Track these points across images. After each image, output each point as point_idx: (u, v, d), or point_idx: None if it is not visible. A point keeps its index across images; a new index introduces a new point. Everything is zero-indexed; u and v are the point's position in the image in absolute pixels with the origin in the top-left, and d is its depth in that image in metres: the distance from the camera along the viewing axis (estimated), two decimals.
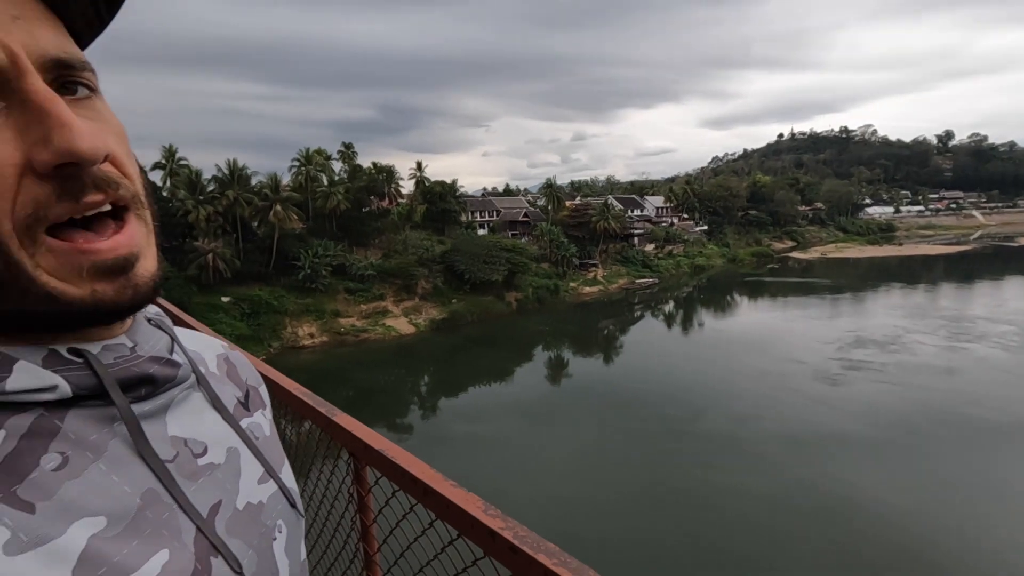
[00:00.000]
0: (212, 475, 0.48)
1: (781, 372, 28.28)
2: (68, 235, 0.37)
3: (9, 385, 0.37)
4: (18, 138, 0.34)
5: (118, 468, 0.41)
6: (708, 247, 72.70)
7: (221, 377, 0.59)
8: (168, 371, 0.47)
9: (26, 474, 0.37)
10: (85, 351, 0.41)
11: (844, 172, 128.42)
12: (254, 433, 0.57)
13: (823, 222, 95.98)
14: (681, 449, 20.02)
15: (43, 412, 0.39)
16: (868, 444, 19.83)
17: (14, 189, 0.34)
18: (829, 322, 39.96)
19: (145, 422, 0.44)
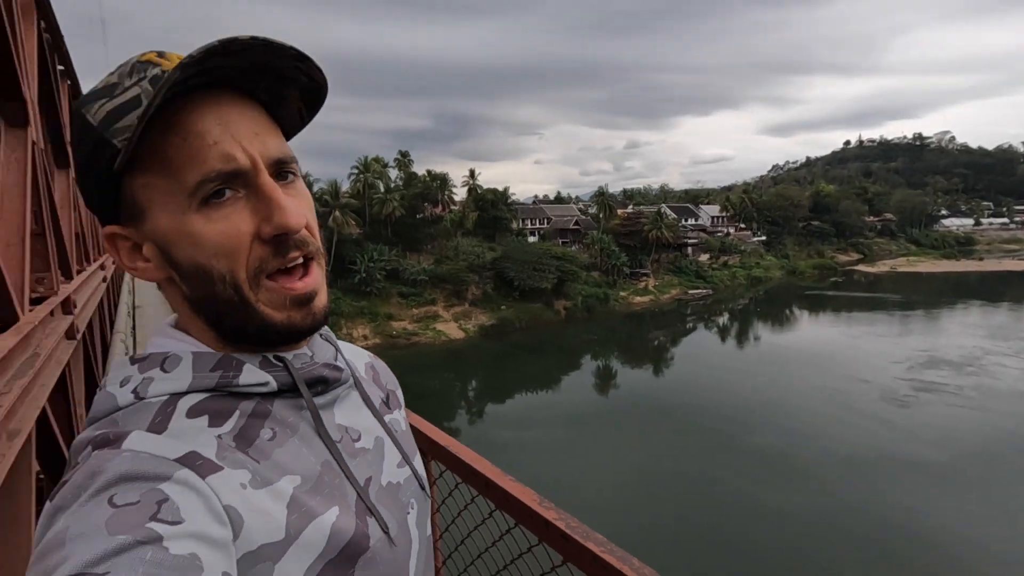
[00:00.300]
0: (365, 456, 0.63)
1: (843, 390, 26.90)
2: (276, 278, 0.54)
3: (240, 380, 0.54)
4: (252, 216, 0.52)
5: (307, 443, 0.57)
6: (766, 258, 70.10)
7: (369, 381, 0.74)
8: (335, 374, 0.61)
9: (253, 440, 0.53)
10: (284, 358, 0.58)
11: (918, 181, 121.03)
12: (394, 427, 0.70)
13: (893, 234, 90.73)
14: (733, 464, 19.43)
15: (260, 399, 0.56)
16: (938, 471, 18.56)
17: (248, 249, 0.52)
18: (898, 340, 37.69)
19: (322, 411, 0.60)
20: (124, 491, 0.42)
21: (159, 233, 0.52)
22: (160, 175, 0.50)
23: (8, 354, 1.39)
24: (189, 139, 0.49)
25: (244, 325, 0.54)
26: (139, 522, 0.40)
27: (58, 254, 2.78)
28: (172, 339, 0.57)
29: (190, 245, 0.51)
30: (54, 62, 3.95)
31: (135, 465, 0.44)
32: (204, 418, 0.52)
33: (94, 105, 0.50)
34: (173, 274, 0.54)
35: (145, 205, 0.51)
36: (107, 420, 0.51)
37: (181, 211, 0.50)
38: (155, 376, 0.53)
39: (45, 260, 2.49)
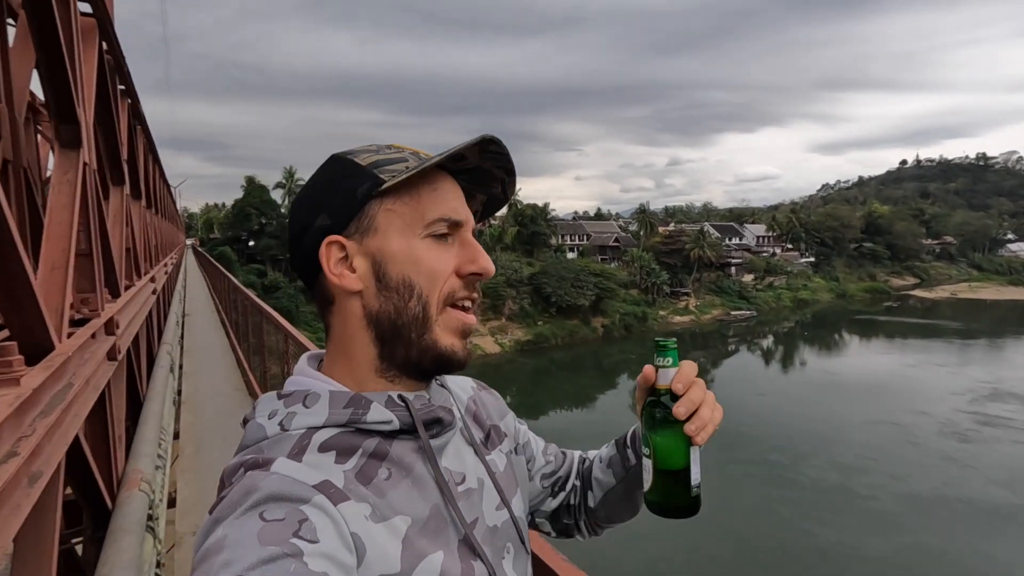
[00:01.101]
0: (469, 498, 0.66)
1: (899, 422, 25.42)
2: (456, 310, 0.64)
3: (368, 417, 0.59)
4: (455, 257, 0.64)
5: (419, 485, 0.60)
6: (814, 280, 67.59)
7: (470, 420, 0.77)
8: (449, 417, 0.65)
9: (372, 479, 0.58)
10: (406, 397, 0.62)
11: (980, 203, 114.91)
12: (494, 467, 0.72)
13: (953, 258, 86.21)
14: (784, 497, 18.57)
15: (381, 439, 0.60)
16: (1009, 512, 17.20)
17: (445, 279, 0.63)
18: (958, 370, 35.48)
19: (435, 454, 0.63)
20: (272, 508, 0.48)
21: (384, 249, 0.62)
22: (407, 206, 0.62)
23: (34, 393, 1.33)
24: (437, 190, 0.64)
25: (411, 343, 0.62)
26: (284, 537, 0.46)
27: (105, 273, 2.79)
28: (313, 379, 0.64)
29: (410, 263, 0.62)
30: (115, 82, 4.07)
31: (282, 486, 0.51)
32: (332, 454, 0.57)
33: (361, 155, 0.64)
34: (370, 287, 0.63)
35: (380, 225, 0.62)
36: (255, 447, 0.58)
37: (412, 236, 0.62)
38: (298, 411, 0.60)
39: (91, 280, 2.49)
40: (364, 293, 0.62)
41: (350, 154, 0.65)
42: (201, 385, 7.46)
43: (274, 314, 5.70)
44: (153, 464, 3.17)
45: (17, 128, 2.39)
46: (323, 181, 0.65)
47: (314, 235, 0.63)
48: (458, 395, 0.78)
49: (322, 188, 0.64)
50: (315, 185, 0.65)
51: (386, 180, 0.61)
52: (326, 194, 0.64)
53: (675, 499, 0.71)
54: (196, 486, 4.47)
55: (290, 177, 51.79)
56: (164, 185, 13.94)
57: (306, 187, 0.67)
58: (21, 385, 1.30)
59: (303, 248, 0.64)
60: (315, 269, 0.63)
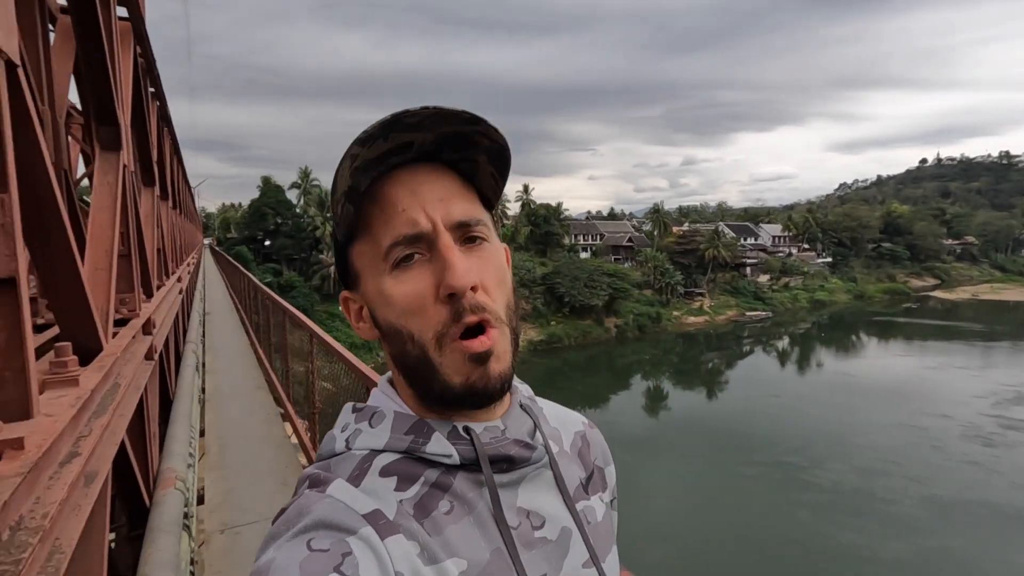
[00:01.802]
0: (544, 548, 0.57)
1: (920, 425, 24.97)
2: (458, 341, 0.54)
3: (428, 448, 0.55)
4: (432, 277, 0.54)
5: (481, 525, 0.54)
6: (831, 281, 66.68)
7: (572, 456, 0.68)
8: (525, 452, 0.58)
9: (430, 512, 0.53)
10: (472, 430, 0.56)
11: (1003, 203, 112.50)
12: (587, 517, 0.64)
13: (975, 259, 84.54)
14: (802, 500, 18.33)
15: (444, 470, 0.55)
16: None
17: (431, 310, 0.54)
18: (981, 373, 34.77)
19: (502, 491, 0.56)
20: (320, 537, 0.47)
21: (367, 296, 0.58)
22: (367, 243, 0.56)
23: (92, 392, 1.34)
24: (385, 209, 0.54)
25: (430, 385, 0.56)
26: (325, 570, 0.44)
27: (141, 274, 2.83)
28: (385, 395, 0.61)
29: (384, 305, 0.56)
30: (146, 85, 4.13)
31: (333, 513, 0.49)
32: (393, 479, 0.54)
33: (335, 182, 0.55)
34: (380, 334, 0.59)
35: (359, 271, 0.58)
36: (324, 462, 0.57)
37: (380, 274, 0.55)
38: (363, 429, 0.57)
39: (129, 281, 2.52)
40: (381, 339, 0.60)
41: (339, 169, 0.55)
42: (223, 383, 7.55)
43: (297, 313, 5.75)
44: (185, 463, 3.21)
45: (59, 130, 2.42)
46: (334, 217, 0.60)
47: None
48: (564, 428, 0.71)
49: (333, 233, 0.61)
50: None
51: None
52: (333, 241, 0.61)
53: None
54: (223, 484, 4.51)
55: (305, 177, 52.25)
56: (186, 185, 14.14)
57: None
58: (80, 385, 1.31)
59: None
60: None
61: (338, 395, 4.04)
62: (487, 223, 0.59)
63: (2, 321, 0.99)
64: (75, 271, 1.48)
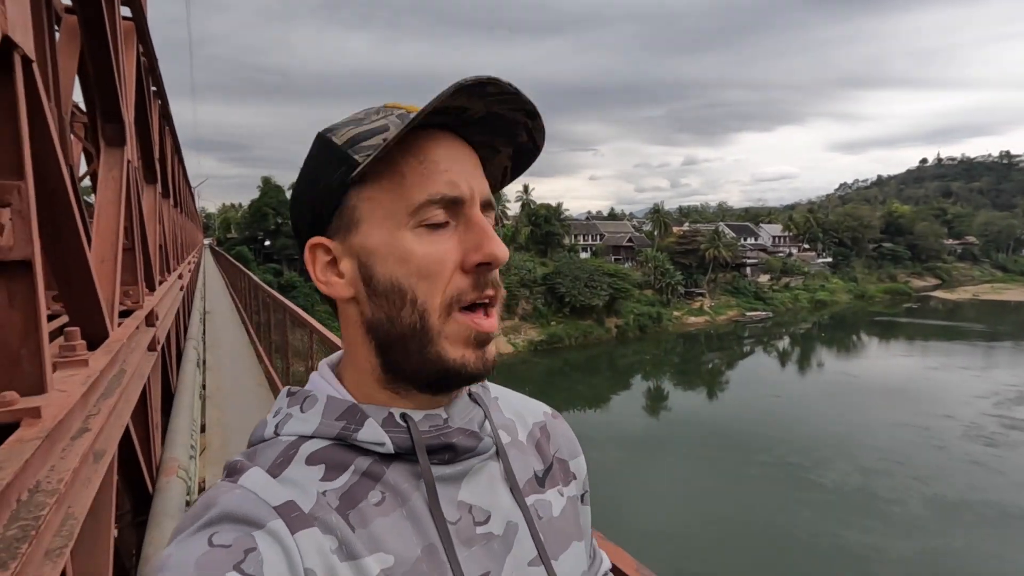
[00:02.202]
0: (488, 545, 0.54)
1: (923, 425, 24.99)
2: (465, 312, 0.52)
3: (359, 435, 0.51)
4: (459, 247, 0.51)
5: (414, 519, 0.51)
6: (832, 281, 66.67)
7: (528, 447, 0.65)
8: (469, 442, 0.54)
9: (357, 502, 0.50)
10: (409, 417, 0.53)
11: (1005, 203, 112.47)
12: (538, 512, 0.60)
13: (976, 259, 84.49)
14: (806, 499, 18.37)
15: (377, 459, 0.52)
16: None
17: (448, 278, 0.51)
18: (983, 373, 34.78)
19: (441, 484, 0.53)
20: (224, 531, 0.44)
21: (366, 246, 0.52)
22: (388, 191, 0.51)
23: (100, 374, 1.40)
24: (425, 163, 0.51)
25: (410, 356, 0.52)
26: (224, 567, 0.41)
27: (144, 267, 2.90)
28: (321, 379, 0.57)
29: (396, 261, 0.51)
30: (148, 84, 4.20)
31: (241, 505, 0.46)
32: (320, 468, 0.51)
33: (340, 130, 0.53)
34: (361, 292, 0.53)
35: (362, 218, 0.52)
36: (250, 450, 0.53)
37: (397, 227, 0.51)
38: (293, 414, 0.54)
39: (133, 273, 2.59)
40: (357, 299, 0.54)
41: (331, 130, 0.55)
42: (224, 380, 7.62)
43: (298, 310, 5.81)
44: (187, 454, 3.27)
45: (65, 128, 2.49)
46: (306, 167, 0.56)
47: (304, 234, 0.55)
48: (522, 418, 0.68)
49: (305, 176, 0.56)
50: (302, 171, 0.57)
51: (359, 163, 0.51)
52: (308, 184, 0.55)
53: None
54: None
55: None
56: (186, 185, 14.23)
57: (298, 178, 0.59)
58: (89, 367, 1.37)
59: (302, 246, 0.56)
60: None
61: None
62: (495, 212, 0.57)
63: (19, 301, 1.05)
64: (84, 260, 1.55)
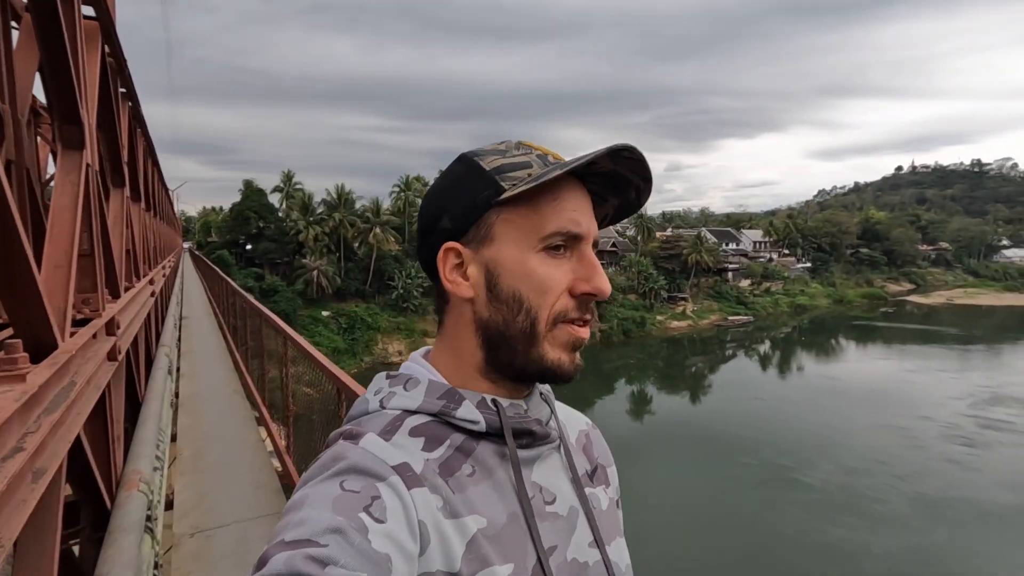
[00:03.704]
0: (555, 522, 0.62)
1: (902, 426, 25.44)
2: (568, 326, 0.62)
3: (458, 414, 0.60)
4: (570, 272, 0.61)
5: (499, 490, 0.59)
6: (811, 286, 67.68)
7: (577, 449, 0.75)
8: (543, 431, 0.64)
9: (454, 471, 0.58)
10: (499, 403, 0.62)
11: (977, 210, 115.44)
12: (592, 503, 0.69)
13: (949, 264, 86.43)
14: (791, 499, 18.60)
15: (469, 436, 0.61)
16: (1015, 514, 17.23)
17: (556, 297, 0.61)
18: (959, 375, 35.53)
19: (521, 464, 0.62)
20: (352, 479, 0.51)
21: (498, 259, 0.61)
22: (524, 217, 0.61)
23: (40, 389, 1.33)
24: (558, 201, 0.61)
25: (517, 354, 0.61)
26: (355, 510, 0.48)
27: (106, 274, 2.80)
28: (419, 366, 0.66)
29: (521, 276, 0.61)
30: (116, 85, 4.09)
31: (365, 460, 0.53)
32: (421, 440, 0.59)
33: (488, 157, 0.63)
34: (481, 295, 0.62)
35: (497, 235, 0.61)
36: (356, 420, 0.62)
37: (526, 248, 0.61)
38: (397, 392, 0.62)
39: (93, 280, 2.50)
40: (475, 300, 0.63)
41: (477, 155, 0.64)
42: (199, 388, 7.45)
43: (273, 317, 5.71)
44: (151, 465, 3.17)
45: (20, 129, 2.40)
46: (449, 181, 0.65)
47: (437, 236, 0.64)
48: (570, 423, 0.78)
49: (447, 189, 0.64)
50: (442, 184, 0.65)
51: (506, 188, 0.61)
52: (450, 196, 0.63)
53: None
54: (195, 489, 4.46)
55: (288, 181, 51.82)
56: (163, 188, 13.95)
57: (435, 184, 0.67)
58: (27, 382, 1.31)
59: (427, 246, 0.65)
60: (435, 265, 0.64)
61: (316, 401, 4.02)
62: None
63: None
64: (27, 267, 1.48)
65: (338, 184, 49.12)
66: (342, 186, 48.70)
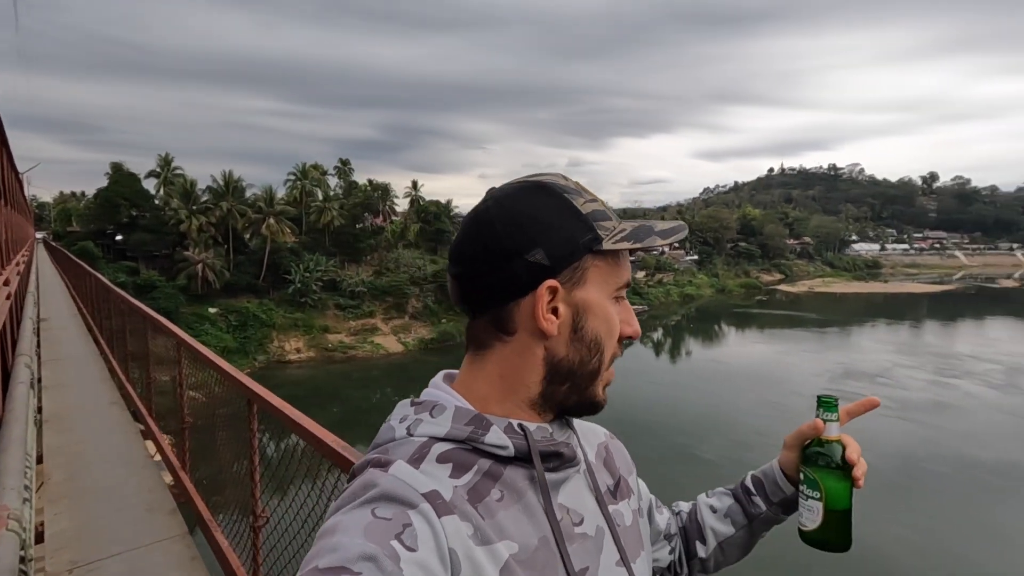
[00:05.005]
0: (584, 543, 0.64)
1: (777, 402, 28.34)
2: (611, 370, 0.68)
3: (486, 439, 0.60)
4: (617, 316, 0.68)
5: (529, 513, 0.60)
6: (698, 277, 73.22)
7: (598, 465, 0.77)
8: (570, 453, 0.65)
9: (482, 498, 0.58)
10: (526, 427, 0.63)
11: (832, 209, 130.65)
12: (616, 520, 0.71)
13: (811, 257, 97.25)
14: (690, 472, 20.06)
15: (496, 461, 0.61)
16: (868, 472, 19.90)
17: (615, 340, 0.68)
18: (818, 355, 40.19)
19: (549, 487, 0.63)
20: (384, 506, 0.52)
21: (586, 301, 0.65)
22: (609, 266, 0.66)
23: None
24: (623, 257, 0.68)
25: (579, 391, 0.66)
26: (387, 537, 0.49)
27: None
28: (443, 392, 0.67)
29: (602, 320, 0.65)
30: None
31: (395, 487, 0.53)
32: (448, 466, 0.59)
33: (577, 199, 0.66)
34: (564, 334, 0.64)
35: (588, 279, 0.65)
36: (382, 447, 0.62)
37: (607, 295, 0.66)
38: (424, 419, 0.63)
39: None
40: (555, 338, 0.64)
41: (566, 192, 0.66)
42: (68, 401, 6.52)
43: (161, 318, 5.12)
44: (21, 497, 2.69)
45: None
46: (542, 213, 0.64)
47: (528, 267, 0.62)
48: (588, 439, 0.78)
49: (542, 221, 0.63)
50: (531, 213, 0.63)
51: (603, 237, 0.64)
52: (546, 229, 0.63)
53: (840, 536, 0.79)
54: (71, 517, 3.88)
55: (166, 165, 46.97)
56: (12, 171, 12.04)
57: (514, 207, 0.64)
58: None
59: (509, 271, 0.62)
60: (510, 293, 0.63)
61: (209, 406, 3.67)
62: None
63: None
64: None
65: (225, 170, 45.35)
66: (230, 173, 45.04)
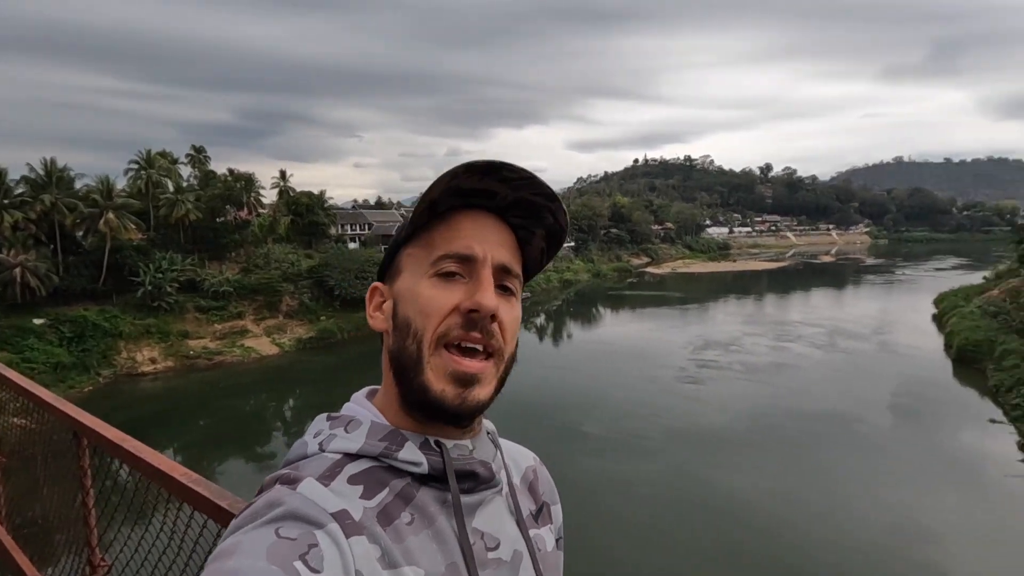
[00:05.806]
0: (497, 569, 0.61)
1: (652, 376, 30.63)
2: (452, 351, 0.60)
3: (400, 455, 0.58)
4: (462, 295, 0.60)
5: (439, 539, 0.57)
6: (575, 263, 76.73)
7: (523, 489, 0.75)
8: (488, 473, 0.63)
9: (392, 520, 0.56)
10: (443, 443, 0.61)
11: (689, 196, 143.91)
12: (537, 545, 0.68)
13: (673, 240, 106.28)
14: (582, 447, 21.02)
15: (409, 481, 0.59)
16: (726, 433, 22.30)
17: (444, 315, 0.60)
18: (682, 329, 44.10)
19: (463, 510, 0.60)
20: (288, 526, 0.49)
21: (399, 290, 0.64)
22: (421, 248, 0.63)
23: None
24: (451, 230, 0.62)
25: (409, 383, 0.60)
26: (290, 558, 0.46)
27: None
28: (360, 407, 0.66)
29: (410, 301, 0.61)
30: None
31: (303, 506, 0.51)
32: (360, 488, 0.56)
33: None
34: (391, 327, 0.64)
35: (402, 268, 0.64)
36: (293, 464, 0.59)
37: (420, 276, 0.62)
38: (338, 434, 0.61)
39: None
40: (387, 332, 0.64)
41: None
42: None
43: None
44: None
45: None
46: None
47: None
48: (516, 460, 0.76)
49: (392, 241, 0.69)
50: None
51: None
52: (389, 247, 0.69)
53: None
54: None
55: None
56: None
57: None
58: None
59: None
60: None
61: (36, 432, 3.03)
62: (520, 283, 0.67)
63: None
64: None
65: (45, 158, 38.77)
66: (52, 161, 38.53)
